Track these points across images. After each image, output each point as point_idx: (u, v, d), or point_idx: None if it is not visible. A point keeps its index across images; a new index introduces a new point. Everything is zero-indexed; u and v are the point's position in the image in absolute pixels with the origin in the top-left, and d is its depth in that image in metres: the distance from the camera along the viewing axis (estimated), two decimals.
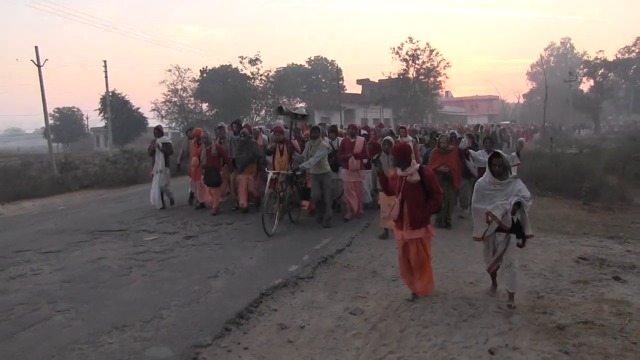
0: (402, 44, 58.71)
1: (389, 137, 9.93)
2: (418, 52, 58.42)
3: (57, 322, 5.92)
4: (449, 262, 8.19)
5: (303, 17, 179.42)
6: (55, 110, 77.09)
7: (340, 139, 12.15)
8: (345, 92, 65.01)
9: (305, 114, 11.91)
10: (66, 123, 77.85)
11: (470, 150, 11.04)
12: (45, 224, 11.99)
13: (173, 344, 5.28)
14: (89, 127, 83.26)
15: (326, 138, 12.26)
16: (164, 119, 58.28)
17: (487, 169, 6.29)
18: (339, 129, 13.77)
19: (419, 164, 6.50)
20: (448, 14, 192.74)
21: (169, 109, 59.20)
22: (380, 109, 61.76)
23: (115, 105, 52.57)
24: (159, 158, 13.36)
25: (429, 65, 58.96)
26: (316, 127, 11.24)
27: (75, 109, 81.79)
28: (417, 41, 58.63)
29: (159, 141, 13.38)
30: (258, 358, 5.04)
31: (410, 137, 13.54)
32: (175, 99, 59.36)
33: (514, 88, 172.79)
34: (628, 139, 36.49)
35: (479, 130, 21.54)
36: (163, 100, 58.98)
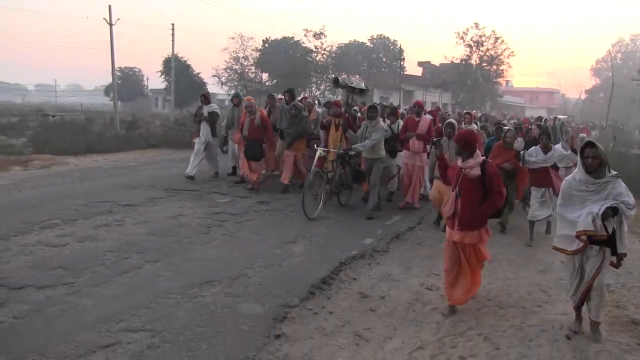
0: (467, 29, 57.53)
1: (452, 120, 9.28)
2: (483, 38, 57.19)
3: (148, 271, 6.24)
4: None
5: None
6: (118, 69, 78.40)
7: (400, 122, 11.36)
8: (405, 73, 64.34)
9: (364, 88, 10.68)
10: (127, 82, 79.00)
11: (521, 152, 9.21)
12: (120, 177, 12.42)
13: (263, 301, 5.51)
14: (149, 89, 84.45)
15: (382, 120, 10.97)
16: (224, 86, 58.88)
17: (579, 164, 5.00)
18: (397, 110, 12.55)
19: (483, 157, 5.57)
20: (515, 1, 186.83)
21: (230, 76, 59.58)
22: (439, 93, 60.90)
23: (177, 69, 53.13)
24: (204, 128, 12.60)
25: (492, 52, 57.73)
26: (374, 106, 10.21)
27: (137, 70, 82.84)
28: (483, 27, 57.49)
29: (206, 109, 12.70)
30: (343, 322, 5.22)
31: (475, 125, 12.37)
32: (237, 67, 59.68)
33: (576, 83, 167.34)
34: None
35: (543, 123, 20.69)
36: (224, 67, 59.39)
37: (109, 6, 32.70)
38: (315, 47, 58.27)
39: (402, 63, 64.15)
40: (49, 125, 24.82)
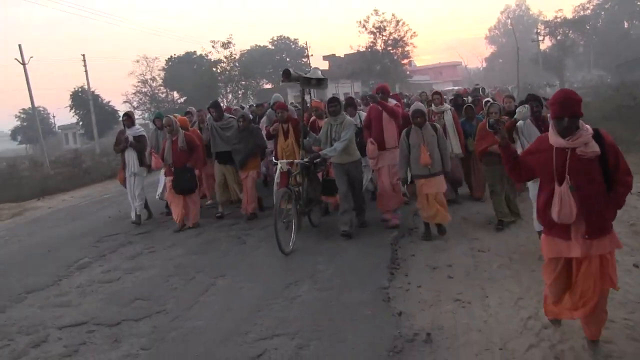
0: (368, 17, 59.04)
1: (419, 105, 7.80)
2: (384, 23, 58.86)
3: (225, 286, 6.30)
4: None
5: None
6: (21, 111, 75.21)
7: (362, 113, 9.76)
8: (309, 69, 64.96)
9: (322, 77, 8.17)
10: (32, 122, 75.71)
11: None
12: (107, 210, 12.16)
13: (363, 288, 5.69)
14: (57, 126, 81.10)
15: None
16: (136, 110, 57.61)
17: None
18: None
19: (591, 129, 3.80)
20: None
21: (141, 99, 58.75)
22: (351, 83, 61.77)
23: (85, 100, 51.64)
24: (131, 156, 10.10)
25: (396, 36, 59.38)
26: (335, 99, 8.28)
27: (41, 108, 79.42)
28: (383, 13, 58.99)
29: (129, 133, 10.14)
30: (436, 292, 5.45)
31: (447, 106, 10.13)
32: (146, 89, 58.80)
33: (475, 53, 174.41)
34: (594, 92, 37.16)
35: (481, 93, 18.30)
36: (134, 91, 58.58)
37: (19, 45, 32.24)
38: (225, 57, 57.85)
39: (306, 60, 64.88)
40: None
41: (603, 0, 74.36)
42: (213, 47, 58.05)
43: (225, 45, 57.43)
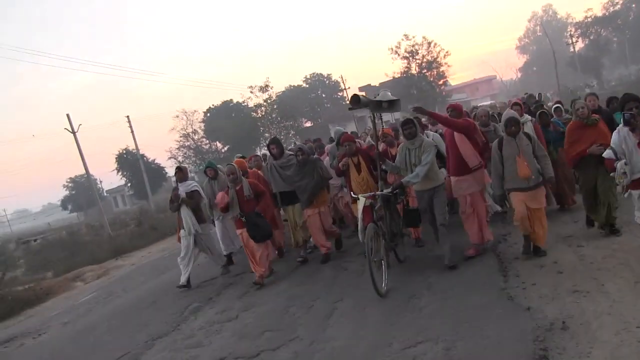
0: (399, 43, 59.86)
1: (512, 114, 6.97)
2: (416, 47, 59.53)
3: (348, 308, 6.74)
4: None
5: (290, 40, 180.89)
6: (69, 180, 77.30)
7: (430, 133, 9.23)
8: (346, 103, 65.85)
9: (393, 98, 7.37)
10: (81, 190, 78.03)
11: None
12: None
13: (482, 293, 6.03)
14: (104, 190, 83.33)
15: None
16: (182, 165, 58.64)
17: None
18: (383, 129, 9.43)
19: None
20: (426, 6, 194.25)
21: (185, 153, 59.85)
22: (391, 112, 62.16)
23: (131, 162, 53.07)
24: (186, 214, 9.54)
25: (429, 57, 59.94)
26: (410, 120, 7.51)
27: (87, 175, 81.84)
28: (413, 37, 59.71)
29: (182, 190, 9.72)
30: (552, 287, 5.73)
31: (528, 116, 9.08)
32: (189, 143, 60.04)
33: (508, 64, 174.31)
34: (636, 88, 36.72)
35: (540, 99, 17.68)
36: (177, 146, 59.64)
37: (67, 115, 33.52)
38: (264, 101, 58.94)
39: (341, 94, 65.80)
40: (35, 249, 24.82)
41: None
42: (251, 92, 59.13)
43: (263, 89, 58.50)
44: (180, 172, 10.03)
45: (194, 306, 8.37)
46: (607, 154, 5.84)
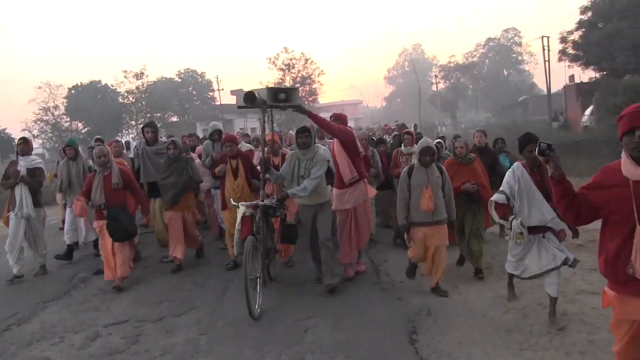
0: (277, 54, 61.32)
1: (428, 142, 6.56)
2: (294, 61, 61.32)
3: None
4: None
5: (170, 29, 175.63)
6: None
7: (320, 146, 8.00)
8: (216, 103, 66.45)
9: (291, 87, 6.76)
10: None
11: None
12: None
13: (360, 285, 6.91)
14: None
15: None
16: (36, 139, 55.61)
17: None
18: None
19: None
20: (310, 21, 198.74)
21: (41, 128, 57.02)
22: (259, 118, 63.27)
23: None
24: (22, 194, 8.17)
25: (304, 73, 61.86)
26: (305, 128, 6.90)
27: None
28: (292, 51, 61.46)
29: (23, 165, 8.32)
30: (418, 283, 6.79)
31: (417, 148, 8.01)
32: (47, 118, 57.19)
33: (375, 92, 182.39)
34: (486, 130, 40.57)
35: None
36: (34, 119, 56.71)
37: None
38: (137, 88, 57.57)
39: (213, 94, 66.07)
40: None
41: (487, 49, 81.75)
42: (125, 77, 57.59)
43: (138, 75, 57.19)
44: (25, 144, 8.54)
45: (82, 275, 8.35)
46: (499, 197, 5.50)
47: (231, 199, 7.21)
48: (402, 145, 9.17)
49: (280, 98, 6.45)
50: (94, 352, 5.54)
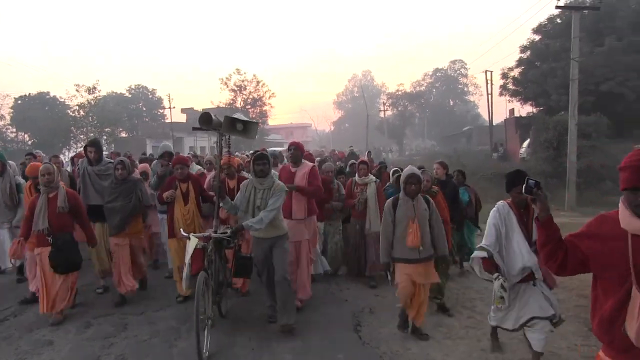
0: (230, 75, 62.29)
1: (414, 170, 5.99)
2: (245, 82, 62.40)
3: None
4: None
5: (123, 45, 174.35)
6: None
7: (275, 173, 7.69)
8: (166, 121, 66.52)
9: (251, 120, 6.47)
10: None
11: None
12: None
13: (315, 292, 7.70)
14: None
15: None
16: None
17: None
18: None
19: None
20: (262, 43, 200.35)
21: None
22: (208, 137, 63.74)
23: None
24: None
25: (255, 95, 62.92)
26: (263, 155, 6.49)
27: None
28: (244, 73, 62.56)
29: None
30: (360, 290, 7.78)
31: (372, 177, 8.76)
32: None
33: (324, 117, 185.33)
34: (429, 159, 41.93)
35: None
36: None
37: None
38: (88, 102, 57.03)
39: (161, 111, 66.07)
40: None
41: (434, 79, 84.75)
42: (77, 90, 57.06)
43: (91, 90, 56.68)
44: None
45: None
46: (480, 254, 5.08)
47: (181, 230, 6.48)
48: (357, 175, 8.71)
49: (237, 129, 6.15)
50: (90, 336, 6.20)
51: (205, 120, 6.06)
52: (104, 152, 8.33)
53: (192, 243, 5.80)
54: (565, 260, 2.96)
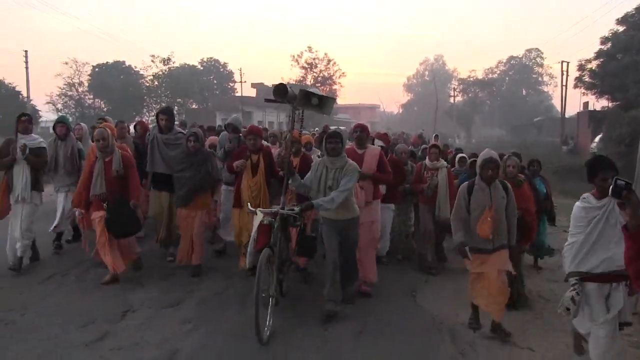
0: (301, 53, 62.56)
1: (492, 154, 5.55)
2: (316, 60, 62.50)
3: None
4: None
5: (198, 18, 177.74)
6: None
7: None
8: (236, 94, 67.66)
9: (328, 96, 6.41)
10: None
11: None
12: None
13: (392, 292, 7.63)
14: None
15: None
16: (59, 113, 56.71)
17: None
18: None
19: None
20: (336, 25, 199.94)
21: (65, 103, 57.86)
22: (277, 113, 64.46)
23: (3, 96, 50.55)
24: (23, 175, 7.29)
25: (325, 73, 63.03)
26: (337, 133, 6.25)
27: None
28: (316, 51, 62.66)
29: (25, 143, 7.28)
30: (436, 295, 7.53)
31: (444, 162, 8.49)
32: (71, 93, 58.24)
33: (393, 99, 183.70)
34: (497, 148, 40.87)
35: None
36: (59, 93, 57.47)
37: None
38: (162, 72, 58.55)
39: (233, 85, 67.19)
40: None
41: (508, 67, 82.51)
42: (152, 61, 58.62)
43: (166, 61, 58.23)
44: (27, 122, 7.54)
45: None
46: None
47: (248, 204, 6.33)
48: (427, 159, 8.41)
49: (312, 103, 5.93)
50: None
51: (280, 92, 5.72)
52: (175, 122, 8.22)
53: (258, 218, 5.71)
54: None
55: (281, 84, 5.78)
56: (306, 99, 5.87)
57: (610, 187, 2.78)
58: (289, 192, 6.67)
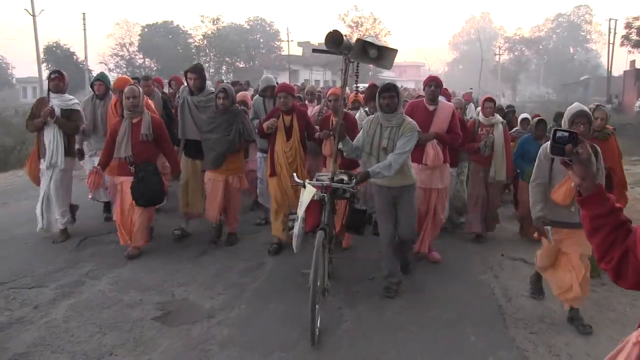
0: (347, 12, 63.30)
1: (581, 107, 4.56)
2: (362, 19, 63.19)
3: None
4: None
5: None
6: None
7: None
8: (283, 53, 68.33)
9: (389, 47, 4.95)
10: None
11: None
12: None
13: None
14: (15, 78, 76.88)
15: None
16: (111, 73, 57.73)
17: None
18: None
19: None
20: None
21: (117, 62, 59.95)
22: (323, 71, 65.44)
23: (59, 57, 51.97)
24: (54, 139, 6.65)
25: (371, 32, 63.56)
26: (392, 86, 5.24)
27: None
28: (362, 10, 63.26)
29: (57, 104, 6.71)
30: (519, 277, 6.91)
31: (499, 118, 7.48)
32: (123, 53, 60.25)
33: (439, 57, 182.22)
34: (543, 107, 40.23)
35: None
36: (110, 53, 59.62)
37: None
38: (212, 32, 59.90)
39: (279, 44, 68.15)
40: None
41: (556, 24, 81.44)
42: (202, 21, 59.99)
43: (215, 21, 59.55)
44: (60, 80, 6.84)
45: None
46: None
47: (294, 176, 5.27)
48: (480, 114, 7.48)
49: (370, 56, 4.79)
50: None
51: (334, 41, 4.62)
52: (207, 81, 7.30)
53: (309, 192, 4.73)
54: (622, 268, 1.79)
55: (336, 30, 4.67)
56: (363, 50, 4.81)
57: (549, 144, 1.96)
58: (328, 157, 6.20)
